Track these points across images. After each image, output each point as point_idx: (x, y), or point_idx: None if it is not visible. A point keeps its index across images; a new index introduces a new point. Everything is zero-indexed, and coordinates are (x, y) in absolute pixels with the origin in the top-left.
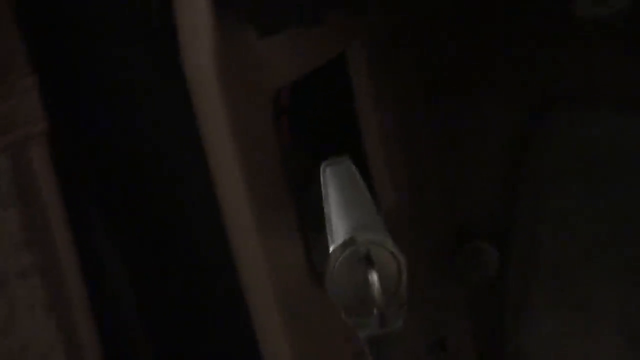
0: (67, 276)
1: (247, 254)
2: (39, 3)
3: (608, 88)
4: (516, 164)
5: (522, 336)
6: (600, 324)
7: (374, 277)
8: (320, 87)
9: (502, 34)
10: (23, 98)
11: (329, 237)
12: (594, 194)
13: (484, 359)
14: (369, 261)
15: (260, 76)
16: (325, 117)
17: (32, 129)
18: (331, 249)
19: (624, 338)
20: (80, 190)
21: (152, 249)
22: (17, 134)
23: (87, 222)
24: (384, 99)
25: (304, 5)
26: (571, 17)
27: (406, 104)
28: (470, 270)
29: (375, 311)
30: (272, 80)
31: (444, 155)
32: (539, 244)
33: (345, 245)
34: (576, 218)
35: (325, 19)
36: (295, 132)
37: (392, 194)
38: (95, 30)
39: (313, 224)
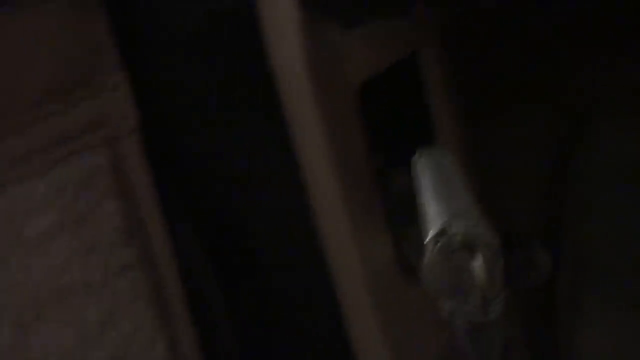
0: (164, 270)
1: (339, 247)
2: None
3: None
4: (563, 168)
5: (576, 338)
6: None
7: (478, 261)
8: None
9: (550, 39)
10: (114, 94)
11: (424, 225)
12: None
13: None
14: (469, 249)
15: (345, 70)
16: (389, 116)
17: (124, 125)
18: (428, 237)
19: None
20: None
21: (236, 252)
22: (110, 130)
23: (177, 220)
24: (453, 100)
25: None
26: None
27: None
28: (522, 276)
29: (477, 298)
30: (356, 74)
31: (492, 161)
32: (589, 245)
33: (441, 234)
34: (624, 220)
35: (412, 12)
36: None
37: None
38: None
39: (398, 217)
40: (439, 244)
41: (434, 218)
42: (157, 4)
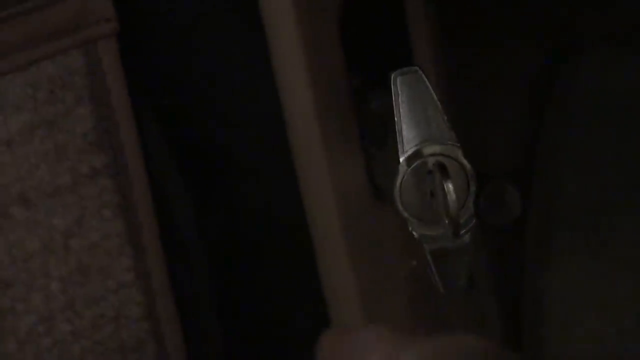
0: (133, 178)
1: (311, 163)
2: None
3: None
4: (540, 105)
5: (542, 279)
6: (619, 268)
7: (449, 186)
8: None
9: None
10: None
11: (399, 147)
12: (620, 140)
13: (503, 300)
14: (443, 171)
15: None
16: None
17: (104, 27)
18: (401, 159)
19: None
20: (144, 97)
21: (208, 164)
22: (89, 32)
23: (150, 131)
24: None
25: None
26: None
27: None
28: (493, 211)
29: (447, 222)
30: None
31: (466, 95)
32: (561, 186)
33: (415, 155)
34: (600, 162)
35: None
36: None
37: None
38: None
39: (372, 138)
40: (412, 166)
41: (408, 140)
42: None
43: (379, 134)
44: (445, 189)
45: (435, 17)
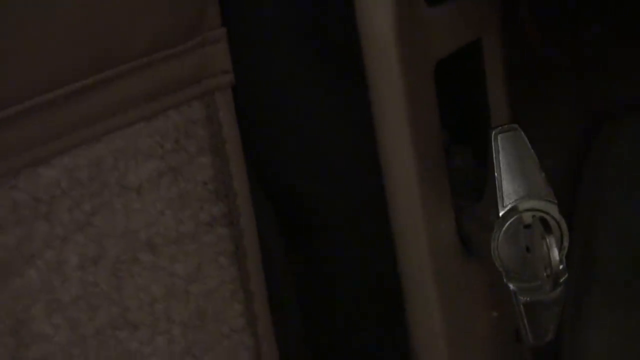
0: (245, 227)
1: (407, 218)
2: None
3: None
4: (574, 169)
5: (579, 337)
6: None
7: (551, 241)
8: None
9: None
10: (214, 49)
11: (498, 201)
12: None
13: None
14: (545, 226)
15: (428, 45)
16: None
17: (222, 79)
18: (500, 213)
19: None
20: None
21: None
22: (208, 84)
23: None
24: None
25: None
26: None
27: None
28: None
29: (546, 275)
30: (436, 51)
31: None
32: (598, 244)
33: (513, 210)
34: (634, 224)
35: None
36: None
37: None
38: None
39: (459, 192)
40: (510, 220)
41: (507, 195)
42: None
43: (466, 188)
44: (547, 243)
45: (509, 75)
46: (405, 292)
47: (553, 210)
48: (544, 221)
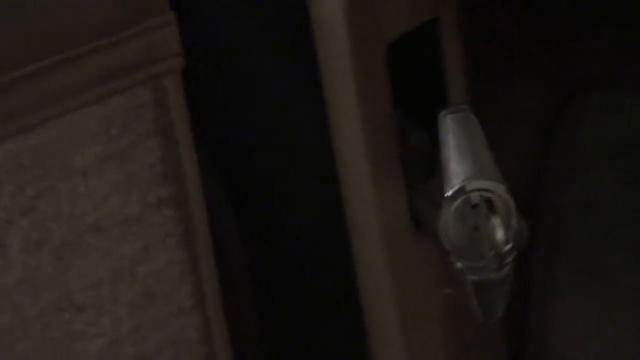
0: (194, 209)
1: (358, 196)
2: None
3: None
4: (547, 143)
5: (546, 311)
6: (626, 299)
7: (497, 220)
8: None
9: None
10: (163, 33)
11: (445, 182)
12: (621, 179)
13: (509, 326)
14: (490, 206)
15: (380, 28)
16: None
17: (171, 63)
18: (448, 193)
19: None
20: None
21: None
22: (157, 68)
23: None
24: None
25: None
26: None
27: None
28: None
29: (491, 255)
30: (389, 31)
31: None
32: (566, 220)
33: (461, 190)
34: (601, 200)
35: None
36: None
37: None
38: None
39: (412, 173)
40: (458, 200)
41: (455, 175)
42: None
43: (419, 168)
44: (492, 223)
45: (467, 57)
46: (358, 272)
47: (501, 189)
48: (489, 201)
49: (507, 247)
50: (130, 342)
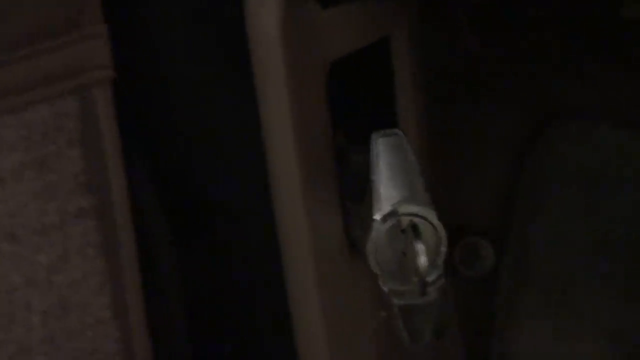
0: (119, 220)
1: (291, 216)
2: None
3: (610, 106)
4: (517, 171)
5: (510, 336)
6: (589, 331)
7: (420, 246)
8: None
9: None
10: (93, 44)
11: (374, 205)
12: (591, 207)
13: (472, 353)
14: (415, 231)
15: (319, 47)
16: (354, 96)
17: (100, 74)
18: (376, 217)
19: (612, 347)
20: (133, 142)
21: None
22: (85, 78)
23: (137, 176)
24: (418, 87)
25: None
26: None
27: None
28: (465, 265)
29: (415, 280)
30: (329, 53)
31: (450, 155)
32: (532, 248)
33: (390, 214)
34: (569, 228)
35: None
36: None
37: None
38: None
39: (352, 194)
40: (386, 224)
41: (385, 198)
42: None
43: (357, 190)
44: (416, 249)
45: (421, 81)
46: (290, 293)
47: (431, 215)
48: (415, 227)
49: (434, 272)
50: (43, 351)
